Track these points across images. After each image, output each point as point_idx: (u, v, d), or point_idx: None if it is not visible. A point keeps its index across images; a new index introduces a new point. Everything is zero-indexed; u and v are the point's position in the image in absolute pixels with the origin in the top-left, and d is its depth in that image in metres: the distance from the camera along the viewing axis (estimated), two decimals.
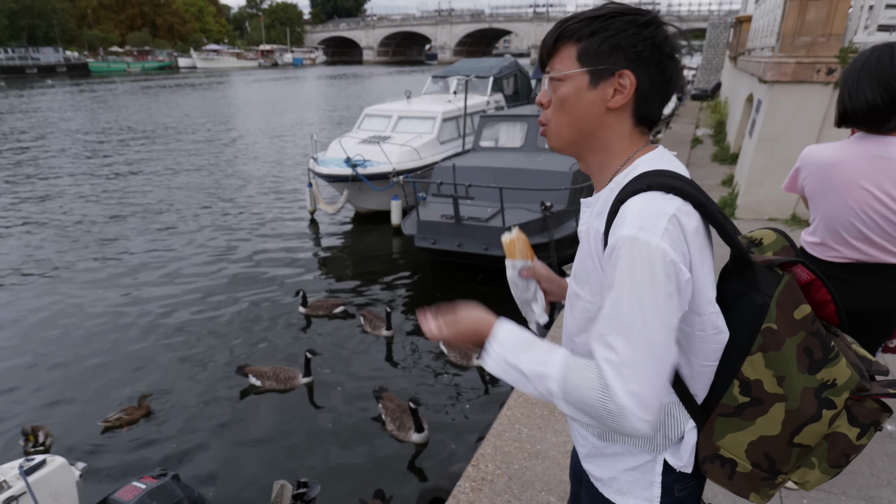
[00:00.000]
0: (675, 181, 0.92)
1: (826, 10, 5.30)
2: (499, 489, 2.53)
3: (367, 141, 9.70)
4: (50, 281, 7.17)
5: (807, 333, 0.96)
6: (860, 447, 1.01)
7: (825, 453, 1.02)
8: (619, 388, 0.86)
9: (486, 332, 1.00)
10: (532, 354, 0.95)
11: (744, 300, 0.97)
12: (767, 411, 0.98)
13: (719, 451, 1.03)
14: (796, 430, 0.99)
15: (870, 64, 1.62)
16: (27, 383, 4.94)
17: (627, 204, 0.92)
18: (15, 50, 58.67)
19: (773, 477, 1.03)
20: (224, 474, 3.86)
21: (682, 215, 0.90)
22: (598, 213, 1.01)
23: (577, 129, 1.01)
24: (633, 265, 0.87)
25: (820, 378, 0.97)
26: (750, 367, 0.97)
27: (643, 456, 1.08)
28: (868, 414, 0.99)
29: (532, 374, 0.93)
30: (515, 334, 0.99)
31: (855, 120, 1.70)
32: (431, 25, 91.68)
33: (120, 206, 10.60)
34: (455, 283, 7.04)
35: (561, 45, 0.99)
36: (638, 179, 0.95)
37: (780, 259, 0.99)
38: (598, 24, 0.96)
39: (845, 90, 1.69)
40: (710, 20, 25.63)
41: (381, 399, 4.39)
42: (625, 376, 0.86)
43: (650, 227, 0.87)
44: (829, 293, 1.00)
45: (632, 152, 1.02)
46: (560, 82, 0.98)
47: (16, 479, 2.50)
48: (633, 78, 0.96)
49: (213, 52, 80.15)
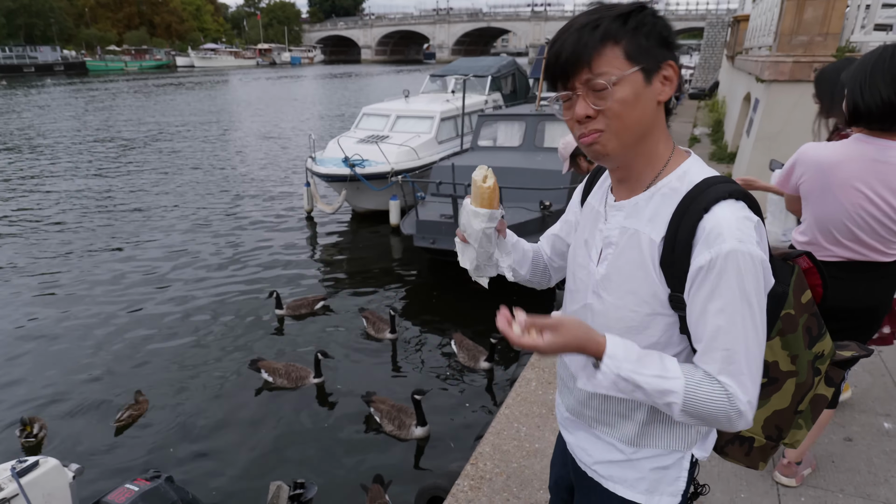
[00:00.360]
0: (736, 185, 0.96)
1: (823, 10, 5.32)
2: (497, 487, 2.54)
3: (365, 140, 9.69)
4: (46, 279, 7.16)
5: (809, 314, 1.09)
6: (827, 402, 1.19)
7: (810, 414, 1.17)
8: (741, 398, 0.92)
9: (593, 347, 0.95)
10: (648, 369, 0.93)
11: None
12: (781, 388, 1.09)
13: (740, 433, 1.13)
14: (800, 400, 1.12)
15: (883, 61, 1.61)
16: (20, 383, 4.93)
17: (715, 215, 0.91)
18: (12, 49, 58.41)
19: (777, 444, 1.15)
20: (219, 475, 3.84)
21: (760, 220, 0.95)
22: (650, 218, 0.99)
23: (637, 131, 0.96)
24: (741, 277, 0.90)
25: (815, 351, 1.12)
26: (769, 350, 1.04)
27: (675, 454, 1.10)
28: (837, 374, 1.18)
29: (651, 388, 0.93)
30: (625, 349, 0.95)
31: (869, 118, 1.67)
32: (429, 24, 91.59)
33: (117, 205, 10.57)
34: (453, 282, 7.04)
35: (603, 47, 0.92)
36: (710, 187, 0.95)
37: (795, 252, 1.12)
38: (634, 20, 0.93)
39: (857, 89, 1.66)
40: (708, 19, 25.68)
41: (372, 403, 4.33)
42: (745, 386, 0.92)
43: (747, 238, 0.90)
44: (822, 277, 1.13)
45: (670, 152, 1.02)
46: (616, 86, 0.92)
47: (8, 480, 2.47)
48: (675, 66, 0.97)
49: (210, 51, 79.96)
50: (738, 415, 0.92)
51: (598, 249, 1.07)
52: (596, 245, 1.08)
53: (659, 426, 1.08)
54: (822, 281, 1.12)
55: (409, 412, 4.19)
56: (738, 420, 0.93)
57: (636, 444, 1.10)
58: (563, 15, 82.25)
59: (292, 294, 6.64)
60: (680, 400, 0.92)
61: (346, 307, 6.42)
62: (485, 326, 5.43)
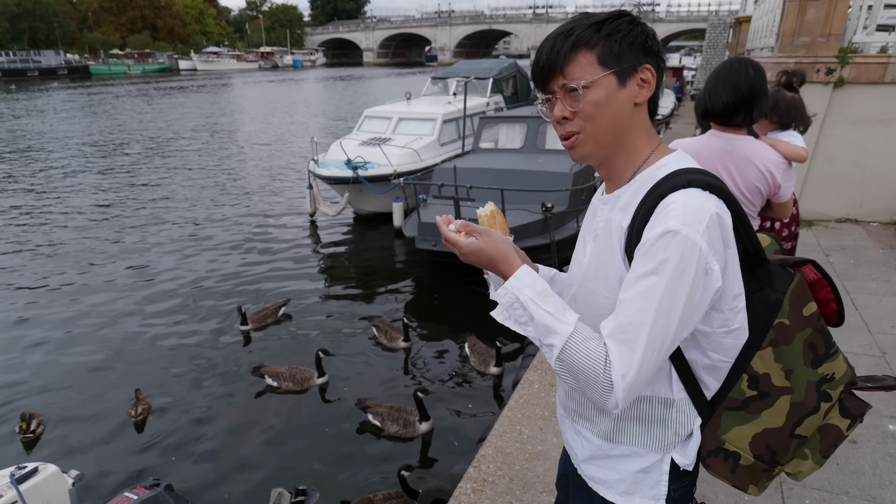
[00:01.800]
0: (713, 179, 0.96)
1: (825, 11, 5.31)
2: (500, 490, 2.53)
3: (367, 143, 9.70)
4: (50, 283, 7.18)
5: (813, 329, 1.03)
6: (845, 437, 1.08)
7: (817, 444, 1.08)
8: (619, 369, 0.89)
9: (504, 266, 1.01)
10: (547, 305, 0.96)
11: (757, 296, 1.01)
12: (773, 404, 1.03)
13: (724, 445, 1.07)
14: (798, 422, 1.04)
15: (724, 72, 2.02)
16: (23, 386, 4.94)
17: (669, 199, 0.93)
18: (16, 53, 58.77)
19: (772, 468, 1.08)
20: (220, 483, 3.82)
21: (723, 213, 0.93)
22: (622, 207, 1.02)
23: (612, 131, 1.01)
24: (672, 258, 0.89)
25: (821, 372, 1.04)
26: (760, 361, 1.01)
27: (652, 456, 1.08)
28: (858, 406, 1.08)
29: (540, 322, 0.95)
30: (536, 280, 0.99)
31: (713, 116, 2.07)
32: (431, 27, 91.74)
33: (121, 209, 10.59)
34: (455, 285, 7.04)
35: (575, 54, 0.98)
36: (675, 176, 0.96)
37: (794, 259, 1.06)
38: (608, 28, 0.97)
39: (706, 93, 2.06)
40: (710, 21, 25.65)
41: (368, 409, 4.28)
42: (629, 361, 0.89)
43: (693, 224, 0.89)
44: (833, 292, 1.06)
45: (652, 149, 1.04)
46: (588, 89, 0.98)
47: (7, 487, 2.45)
48: (653, 70, 1.00)
49: (213, 55, 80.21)
50: (609, 386, 0.89)
51: (590, 243, 1.11)
52: (588, 240, 1.12)
53: (634, 423, 1.07)
54: (834, 295, 1.06)
55: (409, 410, 4.20)
56: (606, 392, 0.90)
57: (611, 439, 1.10)
58: (565, 17, 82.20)
59: (294, 296, 6.64)
60: (560, 344, 0.93)
61: (348, 309, 6.42)
62: (487, 329, 5.42)
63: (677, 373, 1.04)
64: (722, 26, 23.04)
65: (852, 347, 3.46)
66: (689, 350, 1.03)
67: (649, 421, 1.06)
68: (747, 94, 1.97)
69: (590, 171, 7.30)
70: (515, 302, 0.98)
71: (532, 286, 0.98)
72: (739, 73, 1.99)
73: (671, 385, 1.04)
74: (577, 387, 0.95)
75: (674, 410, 1.05)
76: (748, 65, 2.00)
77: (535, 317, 0.96)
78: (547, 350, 0.96)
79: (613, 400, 0.90)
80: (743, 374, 1.03)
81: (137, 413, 4.38)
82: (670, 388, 1.05)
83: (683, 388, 1.04)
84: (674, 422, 1.06)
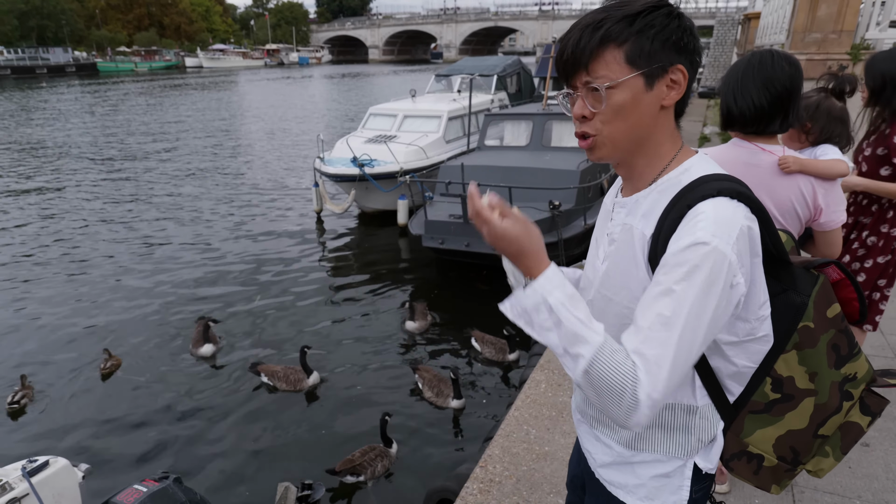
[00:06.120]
0: (741, 186, 0.92)
1: (837, 6, 5.26)
2: (507, 491, 2.51)
3: (373, 140, 9.68)
4: (57, 275, 7.22)
5: (836, 331, 1.02)
6: (864, 434, 1.11)
7: (839, 442, 1.10)
8: (646, 386, 0.84)
9: (532, 260, 0.92)
10: (578, 311, 0.88)
11: (780, 300, 0.99)
12: (797, 406, 1.03)
13: (747, 448, 1.07)
14: (822, 423, 1.05)
15: (753, 68, 1.66)
16: (32, 380, 4.97)
17: (698, 208, 0.88)
18: (25, 50, 59.17)
19: (794, 468, 1.09)
20: (227, 477, 3.84)
21: (752, 223, 0.90)
22: (644, 214, 0.97)
23: (633, 135, 0.95)
24: (701, 270, 0.85)
25: (844, 372, 1.04)
26: (783, 364, 1.00)
27: (675, 462, 1.06)
28: (877, 403, 1.10)
29: (570, 329, 0.87)
30: (565, 283, 0.91)
31: (742, 122, 1.72)
32: (437, 24, 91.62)
33: (126, 205, 10.64)
34: (461, 282, 7.02)
35: (602, 50, 0.91)
36: (702, 183, 0.92)
37: (819, 260, 1.04)
38: (641, 22, 0.90)
39: (730, 95, 1.71)
40: (718, 17, 25.39)
41: (417, 370, 4.74)
42: (655, 378, 0.84)
43: (723, 236, 0.85)
44: (856, 291, 1.05)
45: (675, 151, 1.00)
46: (612, 90, 0.91)
47: (18, 480, 2.50)
48: (685, 71, 0.93)
49: (219, 52, 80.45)
50: (635, 404, 0.83)
51: (603, 246, 1.07)
52: (602, 242, 1.08)
53: (656, 430, 1.04)
54: (857, 295, 1.04)
55: (448, 384, 4.52)
56: (631, 410, 0.84)
57: (633, 447, 1.07)
58: (571, 14, 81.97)
59: (297, 294, 6.62)
60: (590, 355, 0.85)
61: (353, 306, 6.41)
62: (494, 324, 5.41)
63: (701, 380, 1.01)
64: (730, 23, 22.83)
65: (865, 349, 3.39)
66: (714, 358, 1.00)
67: (672, 428, 1.04)
68: (783, 92, 1.62)
69: (597, 169, 7.25)
70: (542, 304, 0.89)
71: (562, 288, 0.90)
72: (774, 67, 1.62)
73: (694, 392, 1.02)
74: (597, 400, 0.88)
75: (697, 417, 1.03)
76: (782, 58, 1.63)
77: (563, 322, 0.87)
78: (570, 360, 0.88)
79: (636, 418, 0.85)
80: (766, 377, 1.01)
81: (105, 367, 4.97)
82: (693, 396, 1.02)
83: (707, 394, 1.02)
84: (697, 428, 1.03)
